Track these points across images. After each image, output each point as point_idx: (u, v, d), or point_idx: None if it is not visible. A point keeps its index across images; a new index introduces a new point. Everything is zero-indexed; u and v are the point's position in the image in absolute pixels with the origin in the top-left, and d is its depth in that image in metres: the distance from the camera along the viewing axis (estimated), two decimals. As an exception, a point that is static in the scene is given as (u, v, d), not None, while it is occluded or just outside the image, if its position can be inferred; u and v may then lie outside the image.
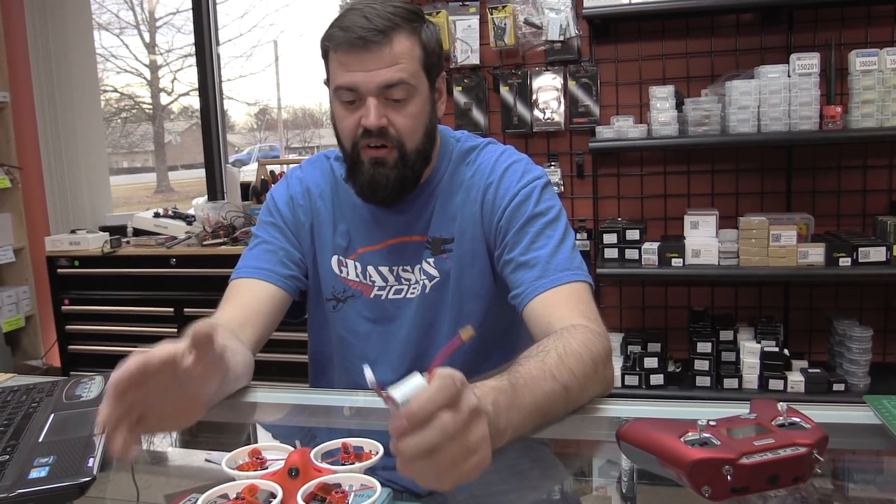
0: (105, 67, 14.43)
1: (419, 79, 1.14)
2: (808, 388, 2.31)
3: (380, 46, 1.10)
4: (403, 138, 1.15)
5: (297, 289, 1.27)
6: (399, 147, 1.15)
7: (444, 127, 1.33)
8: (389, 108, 1.13)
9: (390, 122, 1.14)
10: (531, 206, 1.19)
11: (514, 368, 0.86)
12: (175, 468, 1.14)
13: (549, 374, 0.87)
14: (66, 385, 1.06)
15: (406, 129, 1.15)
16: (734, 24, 2.55)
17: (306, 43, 18.34)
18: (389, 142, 1.14)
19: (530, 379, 0.84)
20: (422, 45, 1.15)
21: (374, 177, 1.15)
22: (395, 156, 1.15)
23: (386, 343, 1.29)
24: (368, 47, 1.09)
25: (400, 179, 1.16)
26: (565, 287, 1.12)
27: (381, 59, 1.10)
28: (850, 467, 0.88)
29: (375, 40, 1.09)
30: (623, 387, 2.45)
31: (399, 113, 1.14)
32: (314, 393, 1.14)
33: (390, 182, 1.16)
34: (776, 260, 2.28)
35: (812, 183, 2.55)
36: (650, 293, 2.75)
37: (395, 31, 1.11)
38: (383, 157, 1.15)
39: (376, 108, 1.12)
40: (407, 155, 1.16)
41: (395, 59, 1.11)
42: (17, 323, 3.44)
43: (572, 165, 2.74)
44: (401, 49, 1.11)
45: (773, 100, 2.24)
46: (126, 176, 17.39)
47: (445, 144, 1.29)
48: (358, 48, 1.10)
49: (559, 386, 0.87)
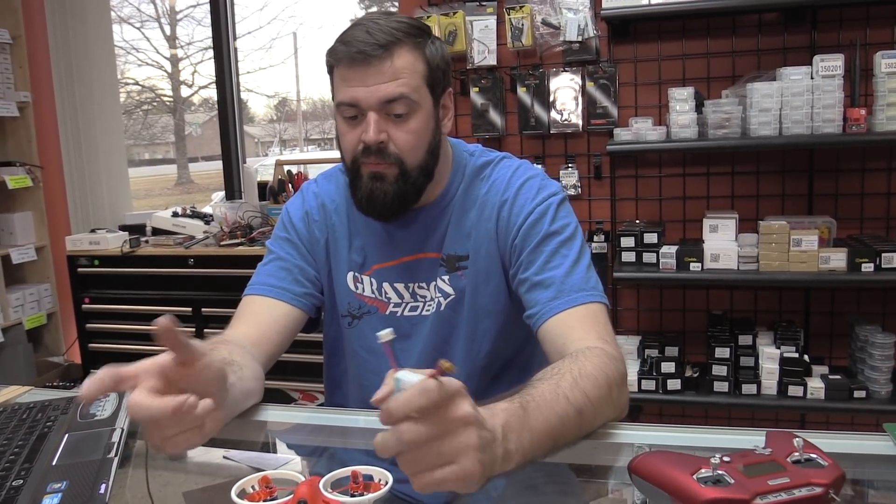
0: (126, 60, 14.52)
1: (421, 94, 1.13)
2: (828, 395, 2.28)
3: (380, 61, 1.09)
4: (403, 155, 1.14)
5: (312, 306, 1.27)
6: (399, 164, 1.14)
7: (457, 141, 1.32)
8: (390, 124, 1.13)
9: (390, 138, 1.13)
10: (546, 225, 1.18)
11: (528, 390, 0.85)
12: (193, 465, 1.15)
13: (563, 397, 0.86)
14: (81, 403, 1.07)
15: (407, 145, 1.14)
16: (756, 23, 2.51)
17: (325, 34, 18.29)
18: (388, 159, 1.13)
19: (543, 402, 0.83)
20: (425, 60, 1.14)
21: (373, 191, 1.15)
22: (395, 171, 1.14)
23: (401, 360, 1.29)
24: (369, 61, 1.09)
25: (399, 195, 1.15)
26: (581, 308, 1.10)
27: (382, 74, 1.09)
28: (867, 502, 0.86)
29: (376, 54, 1.09)
30: (640, 391, 2.43)
31: (400, 129, 1.13)
32: (329, 412, 1.14)
33: (388, 197, 1.15)
34: (797, 265, 2.25)
35: (835, 185, 2.51)
36: (668, 295, 2.72)
37: (397, 45, 1.10)
38: (382, 172, 1.14)
39: (376, 122, 1.11)
40: (408, 171, 1.15)
41: (396, 73, 1.10)
42: (39, 320, 3.49)
43: (590, 167, 2.72)
44: (402, 64, 1.11)
45: (795, 102, 2.21)
46: (147, 168, 17.57)
47: (459, 159, 1.28)
48: (359, 63, 1.09)
49: (573, 410, 0.86)
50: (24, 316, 3.38)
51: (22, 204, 3.48)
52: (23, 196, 3.45)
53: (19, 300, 3.37)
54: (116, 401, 1.07)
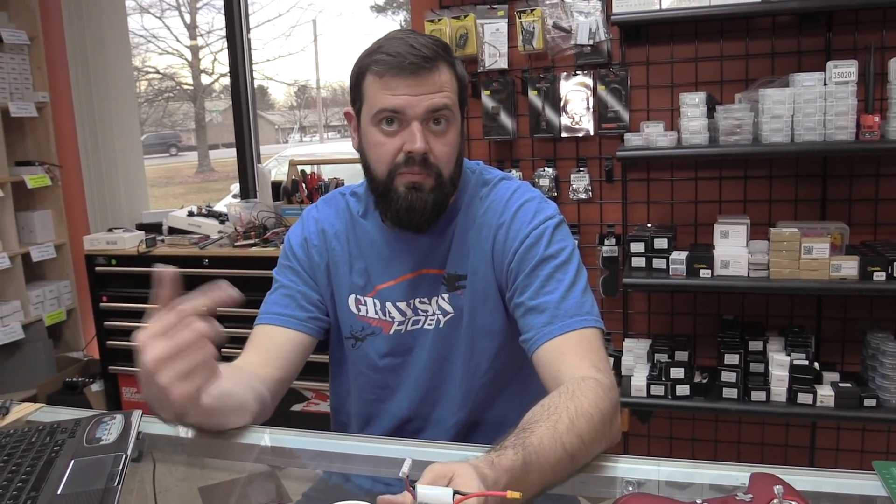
0: (148, 49, 14.57)
1: (455, 109, 1.18)
2: (837, 403, 2.27)
3: (430, 72, 1.13)
4: (441, 167, 1.17)
5: (318, 329, 1.31)
6: (437, 174, 1.17)
7: None
8: (430, 135, 1.16)
9: (430, 150, 1.16)
10: (542, 249, 1.19)
11: (527, 437, 0.87)
12: (210, 461, 1.19)
13: (560, 444, 0.88)
14: (87, 425, 1.10)
15: (444, 157, 1.17)
16: (770, 26, 2.48)
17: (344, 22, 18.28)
18: (428, 169, 1.16)
19: (541, 452, 0.86)
20: (458, 78, 1.19)
21: (413, 202, 1.17)
22: (432, 182, 1.17)
23: (402, 373, 1.32)
24: (419, 72, 1.12)
25: (437, 204, 1.19)
26: (575, 334, 1.12)
27: (431, 85, 1.13)
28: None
29: (426, 66, 1.12)
30: (649, 396, 2.44)
31: (439, 140, 1.16)
32: (330, 438, 1.16)
33: (428, 206, 1.17)
34: (807, 273, 2.23)
35: (848, 190, 2.48)
36: (679, 299, 2.72)
37: (440, 60, 1.15)
38: (420, 182, 1.16)
39: (422, 132, 1.14)
40: (444, 182, 1.18)
41: (442, 86, 1.14)
42: (59, 316, 3.56)
43: (601, 170, 2.71)
44: (445, 78, 1.15)
45: (807, 109, 2.18)
46: (169, 155, 17.68)
47: (463, 175, 1.30)
48: (408, 73, 1.12)
49: (567, 456, 0.89)
50: (44, 312, 3.45)
51: (41, 202, 3.54)
52: (42, 195, 3.51)
53: (39, 297, 3.44)
54: (122, 424, 1.10)
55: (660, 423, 2.81)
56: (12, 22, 3.36)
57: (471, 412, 1.30)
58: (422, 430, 1.33)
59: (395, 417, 1.32)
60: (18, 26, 3.35)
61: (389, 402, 1.32)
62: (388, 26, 13.98)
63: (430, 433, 1.32)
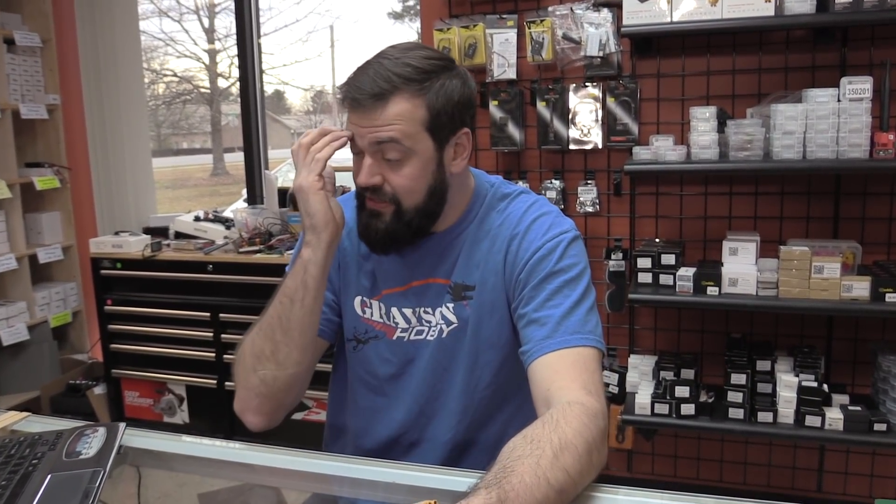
0: (166, 52, 14.69)
1: (418, 141, 1.13)
2: (847, 427, 2.21)
3: (374, 107, 1.11)
4: (399, 196, 1.16)
5: (332, 332, 1.32)
6: (395, 204, 1.16)
7: (479, 172, 1.34)
8: (385, 166, 1.15)
9: (386, 180, 1.15)
10: (553, 262, 1.17)
11: (505, 476, 0.84)
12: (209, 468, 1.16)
13: (545, 480, 0.85)
14: (69, 438, 1.08)
15: (401, 188, 1.16)
16: (784, 40, 2.44)
17: (361, 29, 18.45)
18: (384, 198, 1.16)
19: (524, 489, 0.83)
20: (427, 106, 1.13)
21: (367, 227, 1.19)
22: (391, 210, 1.17)
23: (402, 383, 1.30)
24: (362, 105, 1.12)
25: (390, 233, 1.18)
26: (571, 351, 1.09)
27: (374, 120, 1.11)
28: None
29: (369, 102, 1.11)
30: (653, 414, 2.39)
31: (394, 172, 1.15)
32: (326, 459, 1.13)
33: (379, 234, 1.18)
34: (818, 293, 2.18)
35: (861, 209, 2.43)
36: (686, 315, 2.67)
37: (394, 93, 1.11)
38: (379, 210, 1.17)
39: (369, 166, 1.15)
40: (403, 212, 1.17)
41: (389, 120, 1.11)
42: (65, 318, 3.56)
43: (609, 183, 2.68)
44: (397, 111, 1.11)
45: (820, 125, 2.14)
46: (185, 157, 17.82)
47: (479, 190, 1.29)
48: (356, 105, 1.12)
49: (554, 492, 0.86)
50: (49, 314, 3.46)
51: (50, 204, 3.55)
52: (51, 196, 3.52)
53: (45, 298, 3.45)
54: (104, 437, 1.08)
55: (664, 440, 2.76)
56: (25, 24, 3.38)
57: (467, 430, 1.28)
58: (416, 446, 1.30)
59: (390, 429, 1.30)
60: (31, 29, 3.37)
61: (386, 411, 1.30)
62: (404, 33, 14.00)
63: (425, 449, 1.29)
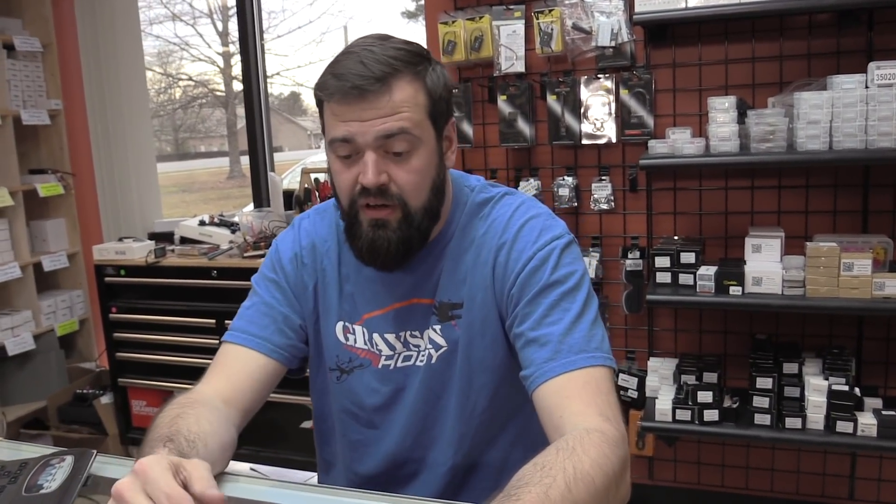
0: (182, 56, 14.79)
1: (424, 129, 1.03)
2: (881, 433, 2.09)
3: (379, 94, 0.98)
4: (406, 196, 1.03)
5: (293, 358, 1.18)
6: (402, 206, 1.03)
7: (458, 173, 1.20)
8: (390, 163, 1.02)
9: (391, 179, 1.02)
10: (547, 273, 1.05)
11: None
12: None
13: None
14: (33, 468, 0.99)
15: (409, 185, 1.03)
16: (807, 25, 2.31)
17: (374, 28, 18.35)
18: (390, 201, 1.03)
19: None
20: (427, 90, 1.02)
21: (375, 240, 1.04)
22: (398, 216, 1.04)
23: (392, 414, 1.19)
24: (365, 95, 0.98)
25: (403, 242, 1.05)
26: (580, 373, 0.98)
27: (380, 109, 0.98)
28: None
29: (373, 88, 0.97)
30: (674, 421, 2.28)
31: (401, 168, 1.02)
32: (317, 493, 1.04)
33: (392, 245, 1.04)
34: (847, 291, 2.06)
35: (892, 201, 2.30)
36: (708, 315, 2.55)
37: (396, 76, 0.99)
38: (384, 219, 1.04)
39: (375, 163, 1.00)
40: (411, 214, 1.04)
41: (396, 107, 0.99)
42: (72, 326, 3.51)
43: (624, 179, 2.56)
44: (402, 97, 1.00)
45: (847, 114, 2.01)
46: (203, 160, 17.90)
47: (459, 195, 1.16)
48: (353, 97, 0.98)
49: None
50: (56, 322, 3.41)
51: (54, 211, 3.50)
52: (55, 203, 3.47)
53: (51, 307, 3.40)
54: (70, 468, 0.99)
55: (687, 446, 2.65)
56: (26, 29, 3.32)
57: (468, 454, 1.18)
58: (416, 474, 1.20)
59: (383, 461, 1.20)
60: (32, 33, 3.31)
61: (377, 444, 1.20)
62: (417, 32, 13.94)
63: (426, 477, 1.20)
